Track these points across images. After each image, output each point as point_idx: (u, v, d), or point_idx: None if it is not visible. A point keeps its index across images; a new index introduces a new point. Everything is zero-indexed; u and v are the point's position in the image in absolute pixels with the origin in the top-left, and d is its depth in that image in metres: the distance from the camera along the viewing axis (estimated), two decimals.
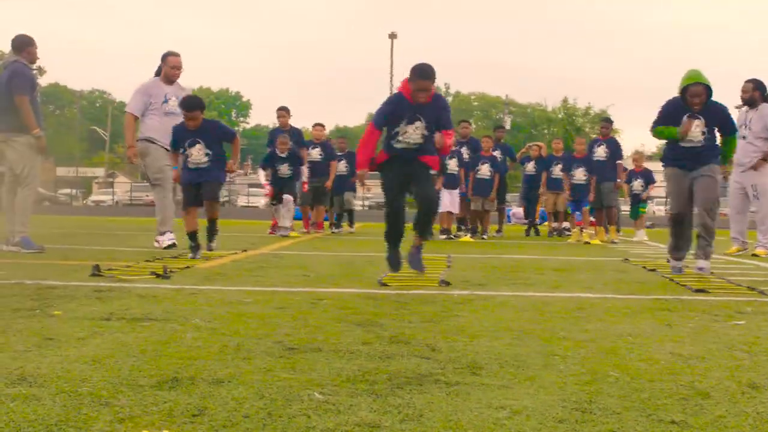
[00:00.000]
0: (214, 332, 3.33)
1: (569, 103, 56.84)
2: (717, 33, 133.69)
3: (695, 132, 6.30)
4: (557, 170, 13.56)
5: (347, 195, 13.80)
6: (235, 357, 2.83)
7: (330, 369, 2.66)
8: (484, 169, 12.58)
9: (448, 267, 6.74)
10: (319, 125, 13.63)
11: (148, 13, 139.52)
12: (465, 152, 12.52)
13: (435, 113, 5.68)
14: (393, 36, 48.02)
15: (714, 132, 6.40)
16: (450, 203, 11.88)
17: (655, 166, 10.73)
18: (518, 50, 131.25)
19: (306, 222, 13.24)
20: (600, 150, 12.81)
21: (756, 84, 9.28)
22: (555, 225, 14.38)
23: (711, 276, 6.17)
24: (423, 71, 5.54)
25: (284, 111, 12.69)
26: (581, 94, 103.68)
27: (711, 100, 6.31)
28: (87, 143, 73.65)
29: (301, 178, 12.14)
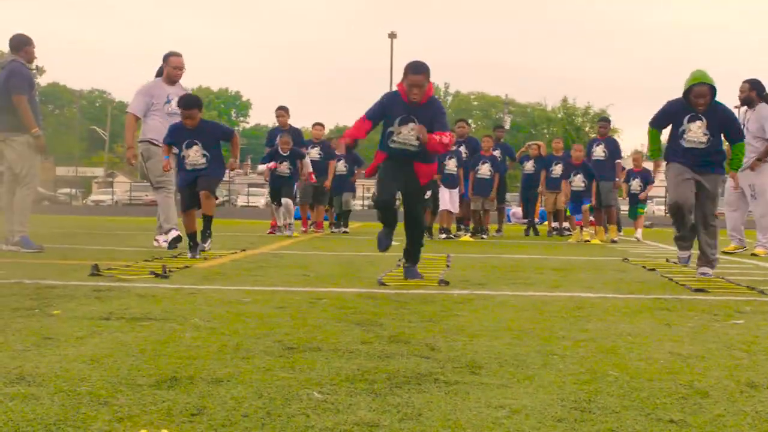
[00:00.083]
0: (213, 332, 3.33)
1: (569, 103, 56.91)
2: (717, 33, 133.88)
3: (698, 133, 6.11)
4: (558, 169, 13.56)
5: (345, 196, 13.78)
6: (234, 356, 2.83)
7: (329, 368, 2.66)
8: (484, 169, 12.58)
9: (448, 267, 6.74)
10: (319, 125, 13.64)
11: (148, 13, 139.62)
12: (463, 152, 12.51)
13: (429, 115, 5.58)
14: (393, 36, 47.99)
15: (718, 135, 6.19)
16: (449, 202, 11.88)
17: (651, 165, 10.69)
18: (518, 50, 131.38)
19: (305, 221, 13.24)
20: (599, 149, 12.82)
21: (752, 84, 9.29)
22: (555, 225, 14.37)
23: (711, 276, 6.17)
24: (414, 66, 5.53)
25: (283, 111, 12.69)
26: (581, 94, 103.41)
27: (715, 102, 6.16)
28: (86, 143, 73.67)
29: (299, 178, 12.12)
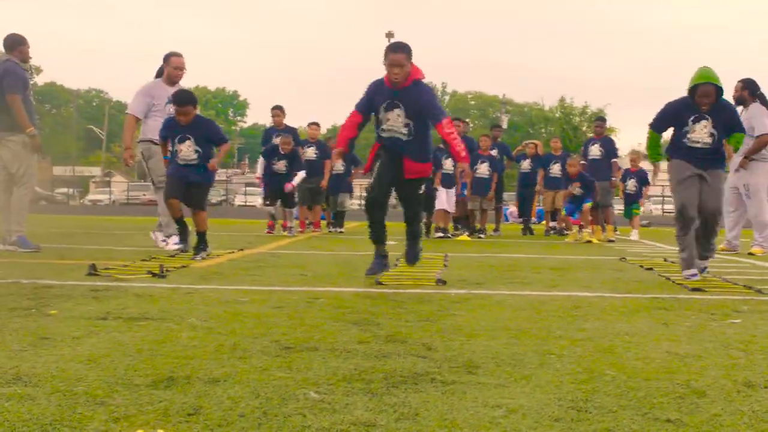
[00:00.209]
0: (210, 331, 3.33)
1: (566, 103, 56.98)
2: (717, 33, 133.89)
3: (702, 133, 5.94)
4: (556, 169, 13.56)
5: (341, 196, 13.77)
6: (231, 356, 2.83)
7: (326, 368, 2.66)
8: (483, 168, 12.58)
9: (445, 266, 6.73)
10: (314, 124, 13.63)
11: (146, 13, 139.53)
12: None
13: (414, 99, 5.54)
14: (390, 35, 47.88)
15: (723, 133, 6.02)
16: (446, 202, 11.88)
17: (649, 166, 10.65)
18: (516, 50, 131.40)
19: (303, 223, 13.23)
20: (594, 149, 12.83)
21: (745, 83, 9.30)
22: (553, 224, 14.37)
23: (708, 275, 6.17)
24: (394, 45, 5.55)
25: (279, 110, 12.68)
26: (580, 94, 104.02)
27: (721, 100, 5.99)
28: (84, 142, 73.52)
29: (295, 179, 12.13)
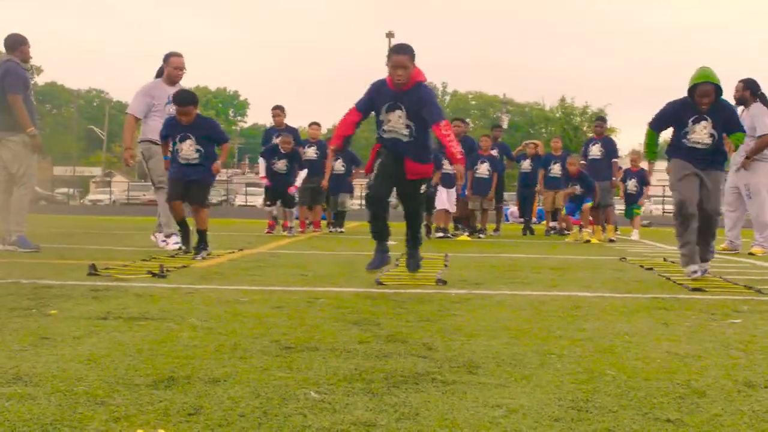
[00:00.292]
0: (211, 331, 3.33)
1: (567, 103, 56.99)
2: (717, 33, 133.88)
3: (702, 134, 5.88)
4: (556, 168, 13.55)
5: (341, 196, 13.75)
6: (232, 356, 2.83)
7: (326, 368, 2.66)
8: (483, 169, 12.58)
9: (446, 266, 6.73)
10: (315, 124, 13.63)
11: (147, 13, 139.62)
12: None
13: (416, 101, 5.47)
14: (390, 35, 47.84)
15: (722, 133, 5.95)
16: (447, 202, 11.88)
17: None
18: (517, 50, 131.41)
19: (303, 223, 13.22)
20: (595, 149, 12.82)
21: (746, 83, 9.29)
22: (553, 224, 14.37)
23: (708, 275, 6.17)
24: (397, 47, 5.50)
25: (279, 110, 12.68)
26: (580, 94, 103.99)
27: (721, 100, 5.93)
28: (84, 142, 73.58)
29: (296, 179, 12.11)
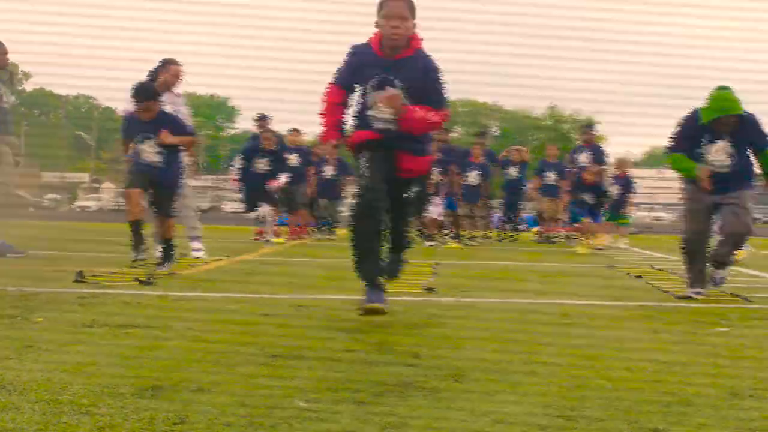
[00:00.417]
0: (197, 339, 3.31)
1: (556, 110, 57.21)
2: (707, 42, 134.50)
3: (719, 156, 5.24)
4: (552, 176, 13.56)
5: (332, 203, 13.75)
6: (218, 364, 2.81)
7: (313, 376, 2.65)
8: (473, 176, 12.60)
9: (434, 273, 6.73)
10: (295, 130, 13.64)
11: (136, 19, 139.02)
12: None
13: (416, 74, 3.95)
14: None
15: (745, 152, 5.29)
16: (433, 209, 11.87)
17: (641, 173, 10.57)
18: (508, 57, 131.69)
19: (293, 230, 13.19)
20: (583, 156, 12.83)
21: None
22: (539, 229, 14.40)
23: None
24: None
25: (264, 120, 12.62)
26: (568, 102, 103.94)
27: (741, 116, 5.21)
28: (73, 149, 73.25)
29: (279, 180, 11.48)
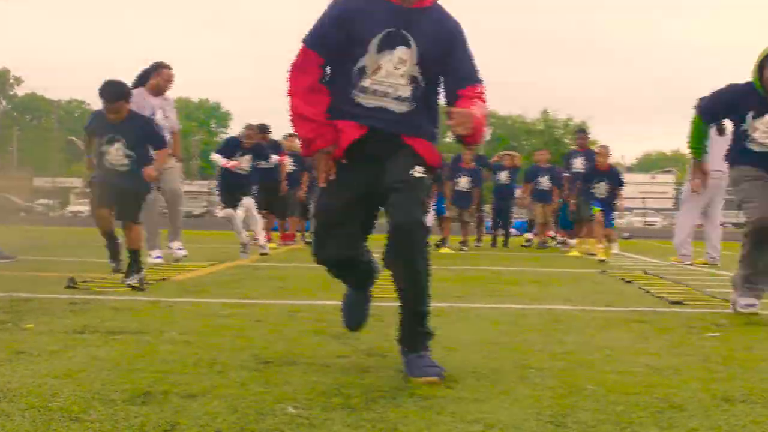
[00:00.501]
0: (189, 345, 3.30)
1: (549, 115, 57.36)
2: (701, 51, 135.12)
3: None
4: (544, 181, 13.57)
5: None
6: (210, 371, 2.81)
7: (305, 382, 2.65)
8: (464, 182, 12.60)
9: None
10: (291, 136, 13.63)
11: (128, 23, 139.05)
12: None
13: (435, 36, 2.87)
14: None
15: None
16: (428, 218, 11.84)
17: (634, 178, 10.43)
18: (501, 62, 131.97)
19: (284, 235, 13.16)
20: (578, 162, 12.86)
21: None
22: (529, 235, 14.42)
23: (688, 288, 6.20)
24: None
25: (253, 130, 12.57)
26: (562, 107, 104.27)
27: None
28: (65, 153, 73.11)
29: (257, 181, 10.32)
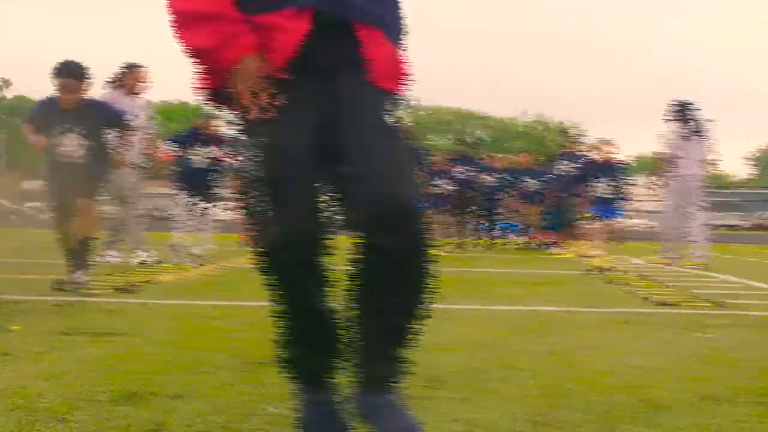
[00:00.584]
0: (176, 347, 3.30)
1: (543, 118, 57.54)
2: (698, 53, 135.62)
3: None
4: (531, 183, 13.61)
5: None
6: (196, 371, 2.80)
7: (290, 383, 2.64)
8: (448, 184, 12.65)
9: None
10: None
11: (119, 24, 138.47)
12: None
13: None
14: None
15: None
16: None
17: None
18: (495, 64, 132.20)
19: None
20: (565, 164, 12.87)
21: None
22: (518, 237, 14.50)
23: (673, 288, 6.22)
24: None
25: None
26: (554, 110, 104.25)
27: None
28: None
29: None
